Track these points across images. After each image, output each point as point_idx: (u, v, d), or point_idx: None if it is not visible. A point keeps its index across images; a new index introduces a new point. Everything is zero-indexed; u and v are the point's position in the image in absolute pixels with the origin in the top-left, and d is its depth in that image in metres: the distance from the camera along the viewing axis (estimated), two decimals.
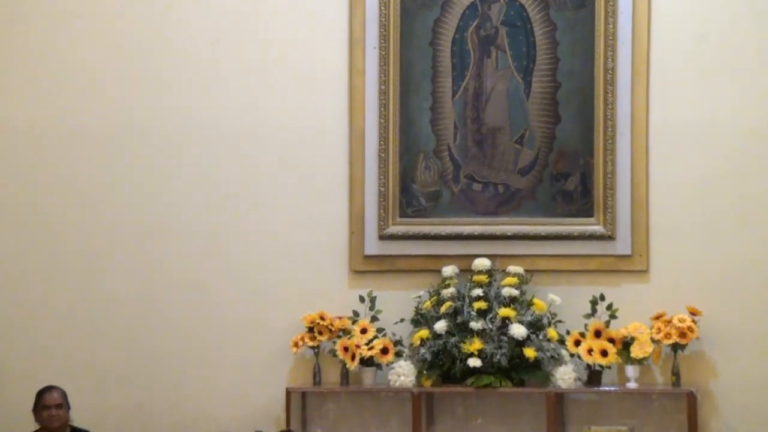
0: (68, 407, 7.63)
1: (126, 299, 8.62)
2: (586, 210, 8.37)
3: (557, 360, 8.15)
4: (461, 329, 8.18)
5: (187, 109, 8.69)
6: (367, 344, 8.29)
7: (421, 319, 8.34)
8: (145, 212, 8.71)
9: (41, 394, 7.59)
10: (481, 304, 8.20)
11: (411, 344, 8.31)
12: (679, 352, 8.07)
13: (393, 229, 8.51)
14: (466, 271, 8.36)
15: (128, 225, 8.70)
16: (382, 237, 8.50)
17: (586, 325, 8.17)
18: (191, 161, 8.70)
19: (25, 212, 8.77)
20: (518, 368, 8.14)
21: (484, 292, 8.26)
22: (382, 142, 8.48)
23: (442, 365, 8.19)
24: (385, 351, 8.28)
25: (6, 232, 8.79)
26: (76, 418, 7.70)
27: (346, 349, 8.29)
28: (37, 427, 7.61)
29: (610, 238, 8.29)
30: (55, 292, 8.70)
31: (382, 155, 8.50)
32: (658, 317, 8.13)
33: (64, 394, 7.61)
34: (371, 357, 8.26)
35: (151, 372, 8.36)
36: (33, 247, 8.74)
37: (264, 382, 8.51)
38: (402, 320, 8.39)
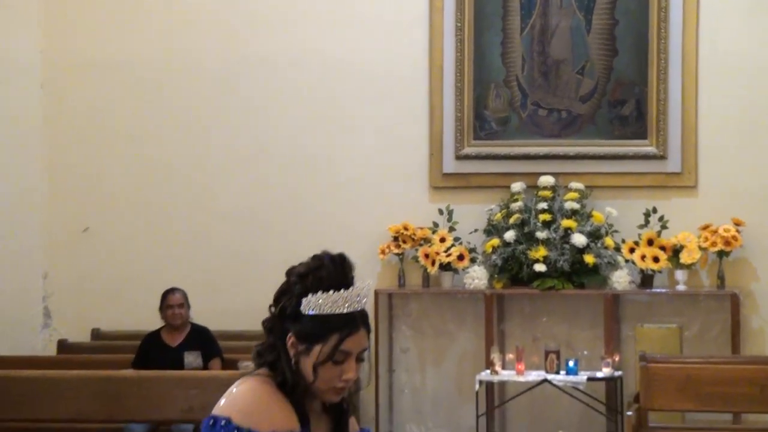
0: (188, 306, 7.96)
1: (235, 212, 8.93)
2: (640, 133, 8.62)
3: (613, 265, 8.44)
4: (528, 238, 8.48)
5: (288, 44, 8.96)
6: (445, 251, 8.62)
7: (492, 230, 8.65)
8: (251, 136, 9.01)
9: (165, 295, 7.95)
10: (546, 216, 8.47)
11: (484, 251, 8.63)
12: (724, 258, 8.40)
13: (468, 150, 8.78)
14: (533, 187, 8.62)
15: (237, 148, 9.02)
16: (458, 157, 8.77)
17: (639, 235, 8.47)
18: (291, 91, 8.97)
19: (149, 139, 9.11)
20: (579, 272, 8.44)
21: (548, 205, 8.52)
22: (458, 74, 8.73)
23: (511, 270, 8.52)
24: (461, 257, 8.63)
25: (134, 157, 9.14)
26: (195, 316, 8.06)
27: (426, 255, 8.63)
28: (162, 323, 7.96)
29: (662, 157, 8.57)
30: (176, 209, 9.05)
31: (458, 85, 8.73)
32: (705, 227, 8.42)
33: (184, 295, 7.95)
34: (449, 263, 8.61)
35: (256, 276, 8.55)
36: (157, 169, 9.08)
37: None
38: (476, 230, 8.70)
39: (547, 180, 8.65)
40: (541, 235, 8.47)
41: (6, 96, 8.78)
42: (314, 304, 3.01)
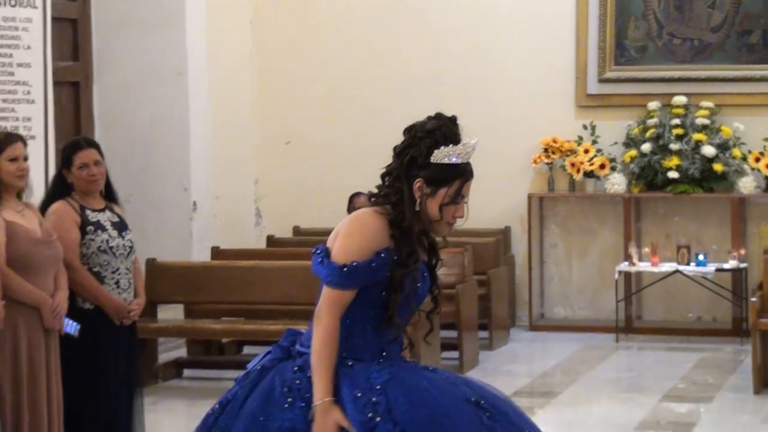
0: None
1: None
2: (765, 59, 9.26)
3: (740, 172, 9.10)
4: (662, 149, 9.17)
5: None
6: (589, 161, 9.34)
7: (630, 142, 9.36)
8: (425, 63, 9.73)
9: (352, 198, 7.91)
10: (679, 131, 9.14)
11: (623, 161, 9.34)
12: None
13: (609, 74, 9.48)
14: (667, 106, 9.27)
15: (412, 72, 9.74)
16: (601, 80, 9.49)
17: (765, 147, 9.11)
18: (458, 24, 9.68)
19: (339, 65, 9.84)
20: (708, 179, 9.14)
21: (681, 121, 9.18)
22: (601, 8, 9.42)
23: (647, 177, 9.22)
24: (602, 166, 9.35)
25: (326, 80, 9.92)
26: None
27: (572, 164, 9.38)
28: None
29: None
30: (361, 124, 9.77)
31: (602, 18, 9.43)
32: None
33: (369, 198, 7.49)
34: (592, 171, 9.35)
35: None
36: (346, 90, 9.75)
37: (511, 190, 9.56)
38: (615, 143, 9.43)
39: (680, 99, 9.32)
40: (674, 146, 9.16)
41: (222, 32, 9.55)
42: (444, 154, 3.40)
